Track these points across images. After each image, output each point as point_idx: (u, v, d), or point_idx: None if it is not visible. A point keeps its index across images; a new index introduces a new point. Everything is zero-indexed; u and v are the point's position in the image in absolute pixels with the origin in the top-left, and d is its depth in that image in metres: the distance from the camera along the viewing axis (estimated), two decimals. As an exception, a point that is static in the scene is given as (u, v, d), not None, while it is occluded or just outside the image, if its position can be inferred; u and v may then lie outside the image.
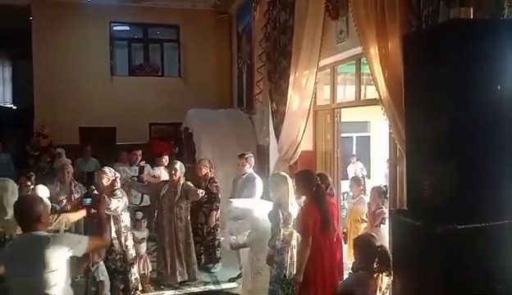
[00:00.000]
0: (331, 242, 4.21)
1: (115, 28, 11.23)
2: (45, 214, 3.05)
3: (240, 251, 5.51)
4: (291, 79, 6.08)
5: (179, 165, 5.62)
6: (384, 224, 5.06)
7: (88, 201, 4.37)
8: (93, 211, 4.25)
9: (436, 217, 2.23)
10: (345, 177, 9.06)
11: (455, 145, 2.22)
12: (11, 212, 3.47)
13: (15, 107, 15.01)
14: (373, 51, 3.91)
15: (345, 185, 7.44)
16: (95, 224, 3.67)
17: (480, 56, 2.23)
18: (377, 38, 3.79)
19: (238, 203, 5.13)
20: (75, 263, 3.67)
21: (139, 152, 7.64)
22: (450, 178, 2.21)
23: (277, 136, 6.87)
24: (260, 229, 4.80)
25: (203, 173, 5.91)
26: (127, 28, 11.71)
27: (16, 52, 14.00)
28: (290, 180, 4.50)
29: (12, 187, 4.00)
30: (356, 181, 6.46)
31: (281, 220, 4.35)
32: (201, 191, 5.39)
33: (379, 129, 12.26)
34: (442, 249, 2.12)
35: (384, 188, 5.36)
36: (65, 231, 4.21)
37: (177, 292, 5.54)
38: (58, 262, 2.82)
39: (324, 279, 4.05)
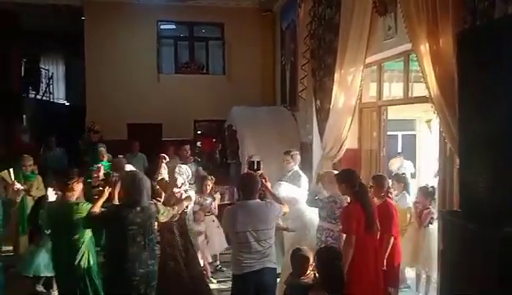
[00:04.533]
0: (375, 244, 4.13)
1: (162, 26, 11.52)
2: None
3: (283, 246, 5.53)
4: (336, 76, 6.04)
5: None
6: (432, 224, 4.94)
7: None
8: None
9: (491, 220, 2.17)
10: (389, 174, 8.90)
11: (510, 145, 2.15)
12: None
13: (68, 104, 15.73)
14: (424, 48, 3.84)
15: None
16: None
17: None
18: (427, 35, 3.71)
19: (286, 188, 5.16)
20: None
21: (188, 147, 7.81)
22: (507, 179, 2.14)
23: (321, 133, 6.84)
24: (303, 221, 4.84)
25: (252, 169, 5.97)
26: (173, 26, 11.99)
27: (68, 51, 14.66)
28: None
29: None
30: (397, 178, 6.32)
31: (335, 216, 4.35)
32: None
33: (426, 128, 11.95)
34: (498, 253, 2.06)
35: (431, 189, 5.23)
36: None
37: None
38: None
39: (369, 281, 3.95)
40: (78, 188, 4.08)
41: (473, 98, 2.42)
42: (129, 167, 4.91)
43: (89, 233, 4.06)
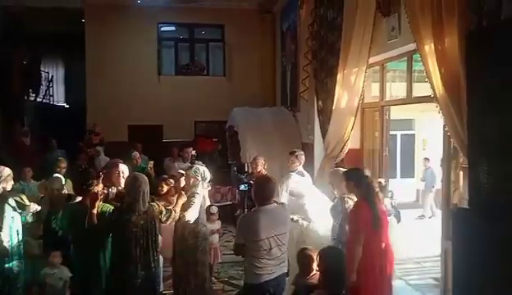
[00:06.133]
0: (380, 245, 4.14)
1: (162, 28, 11.57)
2: None
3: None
4: (339, 76, 6.06)
5: None
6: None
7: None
8: None
9: (500, 217, 2.20)
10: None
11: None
12: None
13: (67, 106, 15.72)
14: (428, 48, 3.87)
15: (392, 184, 7.33)
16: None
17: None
18: (432, 35, 3.74)
19: (295, 180, 5.23)
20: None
21: (190, 149, 7.84)
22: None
23: (323, 134, 6.87)
24: (307, 215, 4.95)
25: (258, 170, 6.01)
26: (174, 28, 12.05)
27: (68, 53, 14.66)
28: None
29: None
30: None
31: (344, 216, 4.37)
32: None
33: (425, 127, 12.03)
34: (507, 248, 2.10)
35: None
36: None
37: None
38: None
39: (376, 281, 3.91)
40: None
41: (482, 98, 2.46)
42: (122, 167, 4.89)
43: None
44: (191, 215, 4.45)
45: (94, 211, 3.77)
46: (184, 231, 4.64)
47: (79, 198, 4.20)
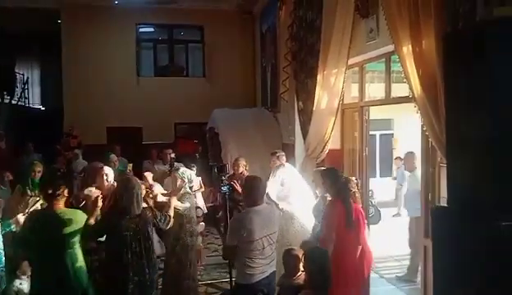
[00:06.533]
0: (355, 244, 4.16)
1: (140, 30, 11.46)
2: None
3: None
4: (319, 77, 6.11)
5: None
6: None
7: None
8: None
9: (479, 214, 2.25)
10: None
11: (497, 143, 2.25)
12: None
13: (43, 108, 15.40)
14: (406, 49, 3.93)
15: (373, 183, 7.44)
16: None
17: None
18: (410, 36, 3.81)
19: (287, 175, 5.35)
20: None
21: (170, 151, 7.78)
22: (494, 175, 2.24)
23: (304, 134, 6.91)
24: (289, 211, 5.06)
25: (240, 171, 6.02)
26: (152, 29, 11.95)
27: (44, 54, 14.37)
28: None
29: None
30: None
31: None
32: None
33: (403, 127, 12.22)
34: (487, 246, 2.15)
35: None
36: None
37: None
38: None
39: (346, 280, 3.95)
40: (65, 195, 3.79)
41: (459, 99, 2.51)
42: (107, 169, 4.83)
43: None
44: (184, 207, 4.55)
45: (93, 218, 3.66)
46: (180, 230, 4.66)
47: None
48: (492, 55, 2.31)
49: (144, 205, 3.89)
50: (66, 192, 3.72)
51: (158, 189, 4.98)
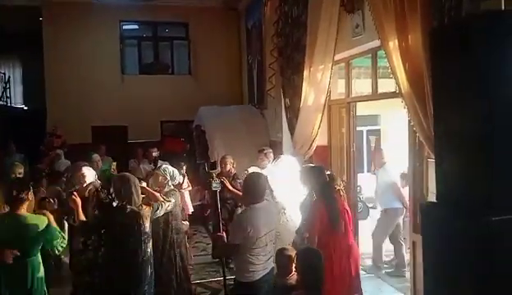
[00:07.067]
0: (340, 243, 4.13)
1: (124, 27, 11.28)
2: None
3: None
4: (305, 73, 6.07)
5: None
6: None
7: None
8: None
9: (468, 210, 2.24)
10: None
11: (486, 138, 2.23)
12: None
13: (26, 108, 15.11)
14: (392, 44, 3.91)
15: (360, 179, 7.44)
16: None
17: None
18: (396, 32, 3.78)
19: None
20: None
21: (155, 149, 7.69)
22: (483, 170, 2.22)
23: (291, 131, 6.87)
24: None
25: (227, 169, 5.97)
26: (136, 26, 11.77)
27: (25, 52, 14.08)
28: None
29: None
30: None
31: None
32: None
33: (390, 122, 12.28)
34: (477, 241, 2.13)
35: None
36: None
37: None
38: None
39: (333, 281, 3.91)
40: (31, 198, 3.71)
41: (446, 94, 2.49)
42: (86, 170, 4.74)
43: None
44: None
45: (80, 211, 3.75)
46: (166, 228, 4.69)
47: None
48: (479, 48, 2.28)
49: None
50: (30, 196, 3.65)
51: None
